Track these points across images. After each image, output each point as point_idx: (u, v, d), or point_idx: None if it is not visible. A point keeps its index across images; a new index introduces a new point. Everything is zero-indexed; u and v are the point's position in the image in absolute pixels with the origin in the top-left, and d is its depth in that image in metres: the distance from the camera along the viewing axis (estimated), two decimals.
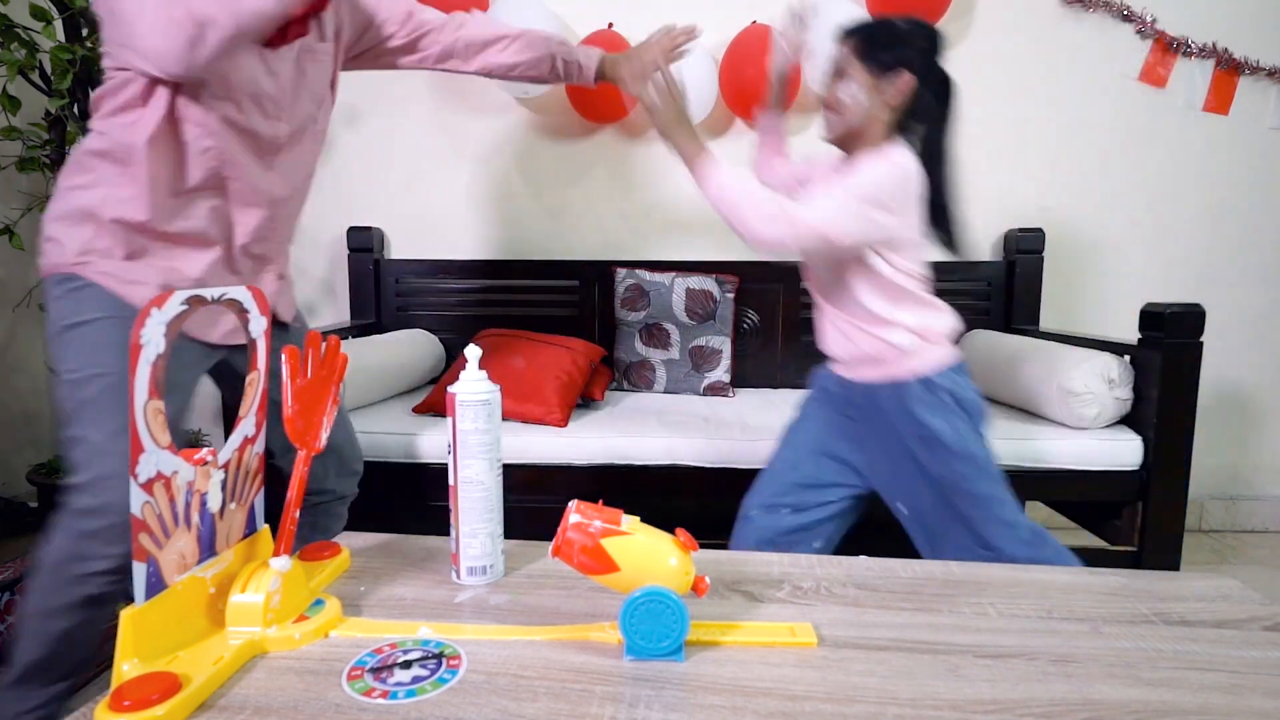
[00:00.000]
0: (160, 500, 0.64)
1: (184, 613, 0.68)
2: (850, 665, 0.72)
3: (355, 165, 2.64)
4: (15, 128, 1.99)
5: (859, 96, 1.32)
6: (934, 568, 0.97)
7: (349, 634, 0.75)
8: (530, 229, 2.63)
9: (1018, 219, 2.52)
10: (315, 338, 0.81)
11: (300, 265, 2.68)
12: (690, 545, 0.76)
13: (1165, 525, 1.79)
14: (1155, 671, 0.72)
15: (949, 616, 0.83)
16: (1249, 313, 2.52)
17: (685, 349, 2.37)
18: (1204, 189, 2.50)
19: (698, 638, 0.75)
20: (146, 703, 0.58)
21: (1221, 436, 2.56)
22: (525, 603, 0.85)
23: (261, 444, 0.79)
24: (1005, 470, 1.80)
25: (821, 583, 0.92)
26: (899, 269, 1.33)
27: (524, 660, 0.71)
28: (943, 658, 0.73)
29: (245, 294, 0.74)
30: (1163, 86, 2.46)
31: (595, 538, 0.74)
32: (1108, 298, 2.53)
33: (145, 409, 0.62)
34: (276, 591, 0.72)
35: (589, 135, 2.59)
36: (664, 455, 1.86)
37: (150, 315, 0.61)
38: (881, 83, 1.31)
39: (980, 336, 2.36)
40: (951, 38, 2.47)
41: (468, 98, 2.58)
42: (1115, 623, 0.81)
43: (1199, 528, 2.60)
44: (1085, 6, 2.43)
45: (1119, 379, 1.80)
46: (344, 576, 0.91)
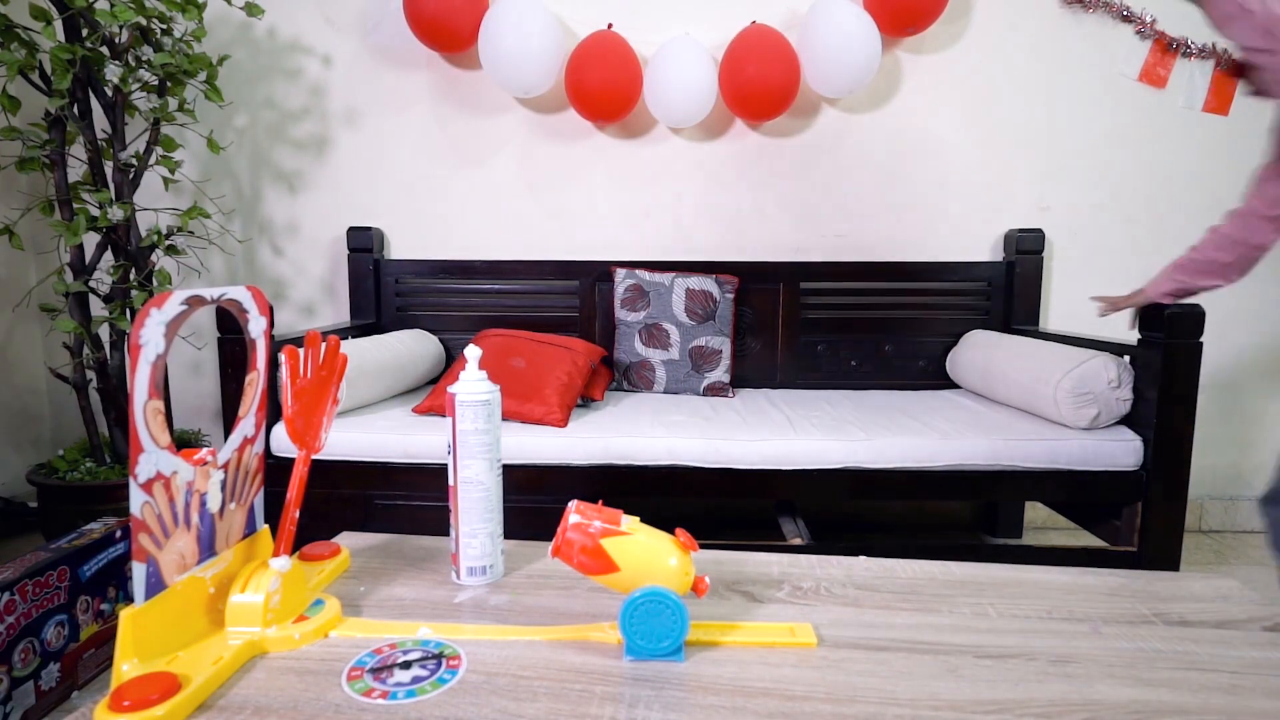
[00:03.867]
0: (160, 500, 0.64)
1: (184, 613, 0.68)
2: (850, 665, 0.72)
3: (355, 165, 2.64)
4: (15, 128, 1.98)
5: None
6: (933, 568, 0.97)
7: (349, 634, 0.75)
8: (530, 229, 2.63)
9: (1018, 219, 2.52)
10: (315, 338, 0.81)
11: (300, 265, 2.69)
12: (690, 545, 0.76)
13: (1165, 525, 1.79)
14: (1155, 672, 0.72)
15: (948, 617, 0.83)
16: (1249, 313, 2.52)
17: (685, 349, 2.37)
18: (1204, 189, 2.50)
19: (697, 638, 0.75)
20: (146, 703, 0.58)
21: (1221, 436, 2.57)
22: (525, 603, 0.85)
23: (261, 444, 0.79)
24: (1005, 470, 1.83)
25: (821, 583, 0.92)
26: None
27: (524, 660, 0.72)
28: (942, 658, 0.74)
29: (245, 294, 0.74)
30: (1162, 87, 2.46)
31: (595, 538, 0.74)
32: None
33: (145, 409, 0.62)
34: (276, 592, 0.72)
35: (589, 135, 2.59)
36: (664, 455, 1.86)
37: (149, 315, 0.61)
38: None
39: (980, 336, 2.37)
40: (950, 38, 2.48)
41: (468, 98, 2.58)
42: (1115, 623, 0.82)
43: (1199, 528, 2.60)
44: (1085, 7, 2.43)
45: (1118, 379, 1.80)
46: (343, 577, 0.91)
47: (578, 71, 2.35)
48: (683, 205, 2.59)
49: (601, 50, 2.35)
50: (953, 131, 2.52)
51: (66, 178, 2.07)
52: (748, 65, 2.31)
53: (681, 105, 2.36)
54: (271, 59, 2.59)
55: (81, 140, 2.08)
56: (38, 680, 1.38)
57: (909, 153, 2.53)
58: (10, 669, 1.32)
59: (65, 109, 2.00)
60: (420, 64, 2.58)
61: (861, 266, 2.49)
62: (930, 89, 2.50)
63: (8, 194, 2.44)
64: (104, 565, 1.54)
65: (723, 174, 2.57)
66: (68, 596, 1.45)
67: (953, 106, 2.51)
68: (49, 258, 2.24)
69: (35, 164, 2.03)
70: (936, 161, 2.53)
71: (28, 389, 2.67)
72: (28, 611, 1.36)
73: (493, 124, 2.60)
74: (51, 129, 2.03)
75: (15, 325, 2.60)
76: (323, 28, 2.58)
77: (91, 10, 1.96)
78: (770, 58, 2.30)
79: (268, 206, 2.66)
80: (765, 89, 2.31)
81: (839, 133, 2.54)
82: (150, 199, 2.28)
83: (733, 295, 2.41)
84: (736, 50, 2.34)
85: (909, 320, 2.51)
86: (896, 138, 2.53)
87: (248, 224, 2.67)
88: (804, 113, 2.52)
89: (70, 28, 2.00)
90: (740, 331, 2.52)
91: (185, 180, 2.39)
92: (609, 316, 2.50)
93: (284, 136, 2.63)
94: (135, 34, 2.08)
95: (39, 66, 2.00)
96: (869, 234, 2.56)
